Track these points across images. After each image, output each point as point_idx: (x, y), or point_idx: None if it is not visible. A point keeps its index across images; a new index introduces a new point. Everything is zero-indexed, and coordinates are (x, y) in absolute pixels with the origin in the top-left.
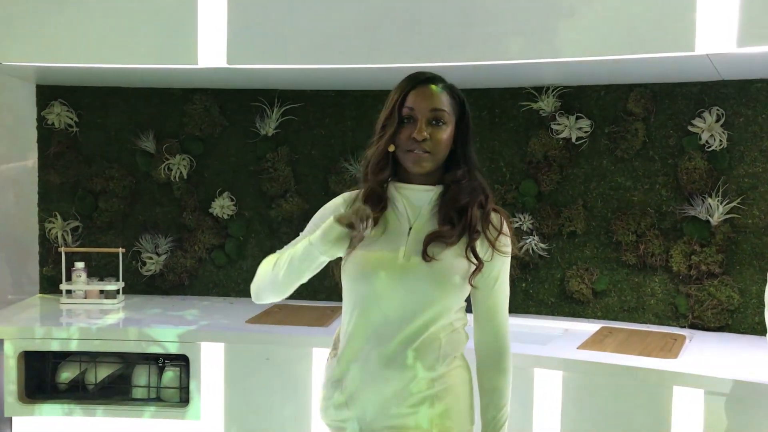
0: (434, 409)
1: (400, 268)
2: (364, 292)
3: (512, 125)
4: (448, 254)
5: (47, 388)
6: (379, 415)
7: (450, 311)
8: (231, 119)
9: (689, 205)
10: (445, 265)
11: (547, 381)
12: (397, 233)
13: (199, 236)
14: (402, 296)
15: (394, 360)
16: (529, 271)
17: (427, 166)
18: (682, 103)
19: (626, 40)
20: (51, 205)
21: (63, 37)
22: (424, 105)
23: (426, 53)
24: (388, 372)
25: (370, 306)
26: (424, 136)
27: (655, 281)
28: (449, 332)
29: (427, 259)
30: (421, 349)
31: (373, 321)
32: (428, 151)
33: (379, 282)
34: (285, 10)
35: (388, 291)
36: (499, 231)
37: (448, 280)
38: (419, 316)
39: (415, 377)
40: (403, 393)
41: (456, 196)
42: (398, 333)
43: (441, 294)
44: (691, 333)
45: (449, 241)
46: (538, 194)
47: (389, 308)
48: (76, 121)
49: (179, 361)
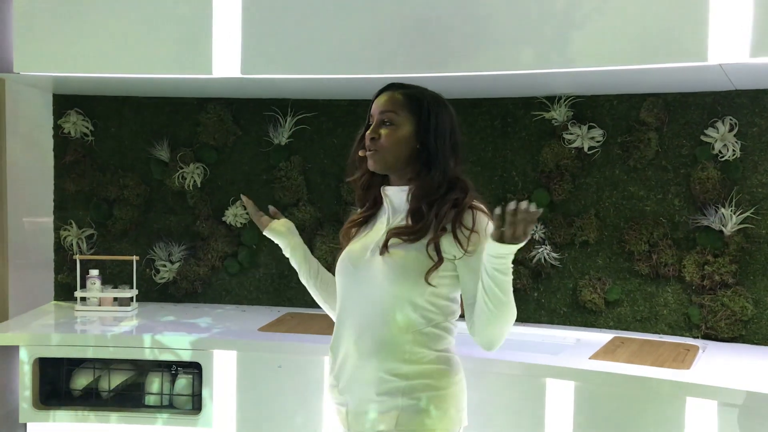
0: (404, 401)
1: (364, 263)
2: (340, 286)
3: (524, 134)
4: (407, 250)
5: (61, 395)
6: (359, 401)
7: (413, 307)
8: (244, 128)
9: (702, 215)
10: (400, 261)
11: (559, 391)
12: (377, 231)
13: (212, 244)
14: (365, 291)
15: (366, 350)
16: (542, 280)
17: (375, 165)
18: (695, 113)
19: (639, 50)
20: (66, 213)
21: (79, 47)
22: (377, 109)
23: (438, 63)
24: (361, 361)
25: (346, 299)
26: (372, 136)
27: (668, 291)
28: (418, 330)
29: (383, 253)
30: (386, 343)
31: (349, 313)
32: (375, 149)
33: (349, 277)
34: (298, 22)
35: (355, 285)
36: (471, 229)
37: (402, 275)
38: (380, 311)
39: (385, 368)
40: (377, 381)
41: (419, 193)
42: (367, 325)
43: (397, 290)
44: (704, 344)
45: (407, 238)
46: (550, 203)
47: (358, 302)
48: (92, 129)
49: (192, 369)
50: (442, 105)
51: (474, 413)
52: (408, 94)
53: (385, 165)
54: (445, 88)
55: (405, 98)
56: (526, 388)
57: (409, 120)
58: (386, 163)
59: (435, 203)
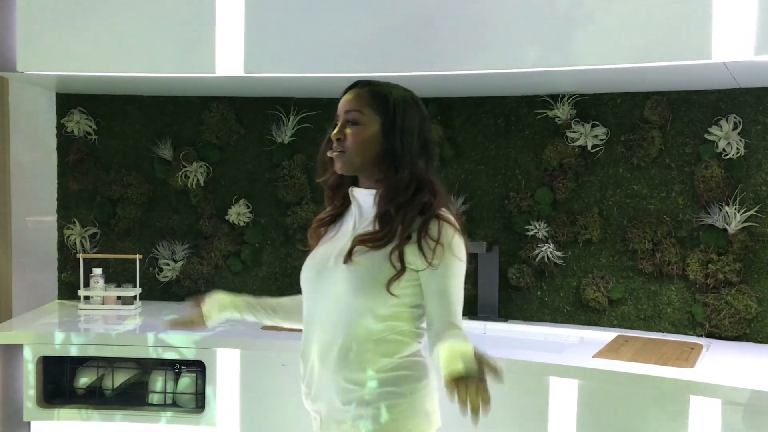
0: (370, 410)
1: (327, 272)
2: (304, 293)
3: (528, 133)
4: (371, 258)
5: (65, 393)
6: (329, 410)
7: (376, 318)
8: (247, 127)
9: (706, 213)
10: (363, 270)
11: (562, 389)
12: (342, 236)
13: (215, 243)
14: (328, 300)
15: (329, 360)
16: (545, 279)
17: (340, 166)
18: (698, 111)
19: (642, 48)
20: (70, 212)
21: (82, 46)
22: (342, 108)
23: (441, 61)
24: (325, 370)
25: (310, 307)
26: (338, 136)
27: (672, 290)
28: (380, 339)
29: (346, 262)
30: (347, 353)
31: (314, 321)
32: (341, 150)
33: (312, 285)
34: (301, 20)
35: (317, 295)
36: (436, 241)
37: (364, 286)
38: (340, 320)
39: (346, 378)
40: (340, 391)
41: (386, 197)
42: (329, 335)
43: (357, 300)
44: (708, 342)
45: (372, 245)
46: (553, 202)
47: (321, 311)
48: (95, 128)
49: (195, 367)
50: (411, 103)
51: None
52: (374, 92)
53: (351, 166)
54: (449, 86)
55: (371, 96)
56: (530, 387)
57: (375, 119)
58: (353, 164)
59: (403, 207)
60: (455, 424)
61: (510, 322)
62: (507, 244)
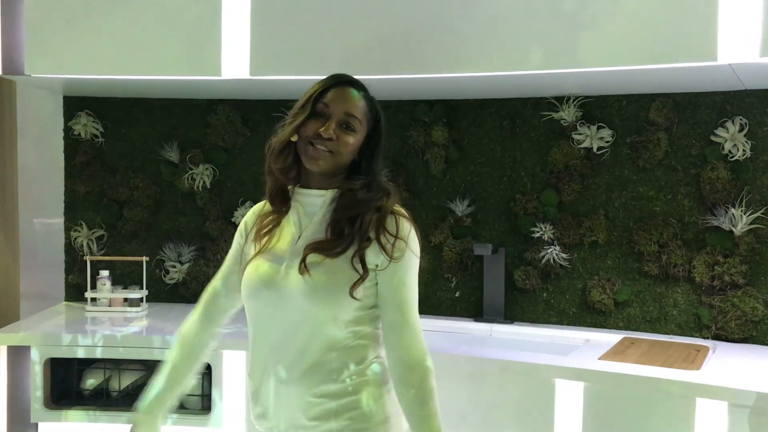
0: (338, 423)
1: (278, 284)
2: (252, 310)
3: (533, 135)
4: (328, 266)
5: (72, 395)
6: (291, 427)
7: (338, 324)
8: (253, 129)
9: (712, 215)
10: (321, 279)
11: (568, 392)
12: (285, 243)
13: (221, 245)
14: (283, 314)
15: (292, 376)
16: (551, 281)
17: (323, 165)
18: (704, 113)
19: (648, 51)
20: (77, 214)
21: (89, 49)
22: (341, 106)
23: (447, 64)
24: (287, 387)
25: (261, 324)
26: (331, 134)
27: (678, 292)
28: (344, 346)
29: (302, 272)
30: (313, 365)
31: (267, 338)
32: (331, 150)
33: (262, 300)
34: (306, 23)
35: (270, 309)
36: (395, 236)
37: (326, 294)
38: (302, 332)
39: (313, 392)
40: (305, 406)
41: (348, 205)
42: (289, 350)
43: (319, 309)
44: (715, 344)
45: (331, 253)
46: (559, 204)
47: (276, 326)
48: (102, 131)
49: (202, 369)
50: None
51: (483, 413)
52: (370, 103)
53: (331, 169)
54: (454, 88)
55: (367, 107)
56: (536, 389)
57: (363, 130)
58: (334, 167)
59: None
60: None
61: (516, 324)
62: (513, 246)
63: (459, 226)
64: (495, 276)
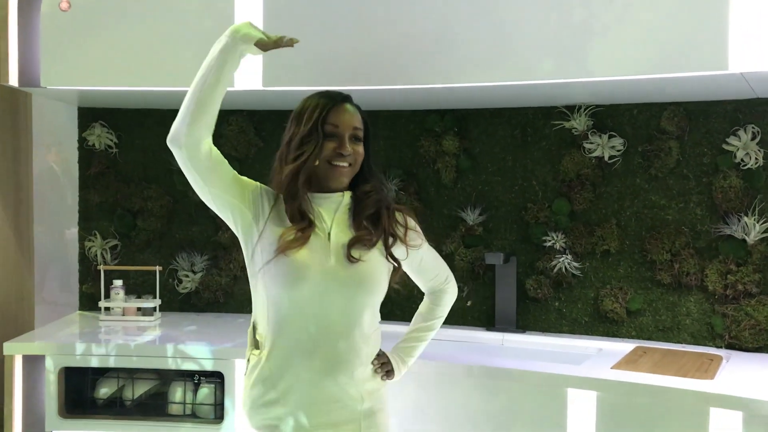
0: (364, 406)
1: (329, 271)
2: (298, 294)
3: (544, 144)
4: (369, 256)
5: (86, 404)
6: (313, 412)
7: (374, 310)
8: (266, 140)
9: (725, 223)
10: (369, 267)
11: (581, 401)
12: (317, 238)
13: (234, 254)
14: (334, 297)
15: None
16: (563, 290)
17: (346, 179)
18: (716, 122)
19: (659, 60)
20: (91, 224)
21: (104, 61)
22: (348, 123)
23: (457, 74)
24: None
25: (305, 307)
26: (349, 151)
27: (691, 301)
28: (373, 331)
29: (352, 261)
30: (353, 347)
31: (308, 321)
32: (350, 164)
33: (309, 286)
34: (319, 34)
35: (318, 294)
36: (405, 227)
37: (373, 280)
38: (349, 315)
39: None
40: (335, 390)
41: (369, 206)
42: (331, 332)
43: (365, 293)
44: (728, 353)
45: (369, 244)
46: (570, 213)
47: (323, 309)
48: (116, 142)
49: (214, 378)
50: None
51: (496, 423)
52: (359, 110)
53: (349, 179)
54: (465, 98)
55: (360, 115)
56: (548, 398)
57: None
58: (350, 178)
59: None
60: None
61: (528, 334)
62: (524, 255)
63: (470, 235)
64: (507, 285)
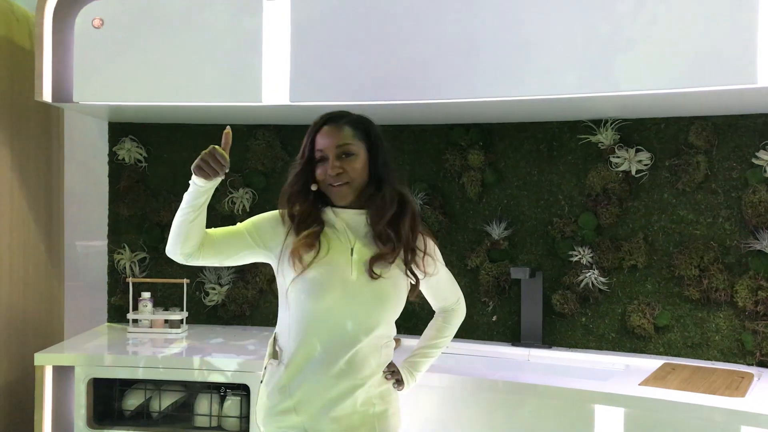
0: (376, 410)
1: (351, 284)
2: (318, 306)
3: (570, 158)
4: (390, 273)
5: (114, 415)
6: (325, 419)
7: (390, 324)
8: (292, 154)
9: (754, 238)
10: (389, 283)
11: (608, 418)
12: (341, 252)
13: (260, 267)
14: (353, 311)
15: (342, 368)
16: (589, 305)
17: (348, 197)
18: (745, 135)
19: (686, 74)
20: (120, 237)
21: (134, 77)
22: (330, 144)
23: (483, 88)
24: (335, 379)
25: (324, 319)
26: (337, 170)
27: (720, 317)
28: (387, 342)
29: (374, 277)
30: (366, 358)
31: (325, 332)
32: (346, 181)
33: (333, 297)
34: (345, 49)
35: (340, 306)
36: (424, 252)
37: (392, 295)
38: (365, 328)
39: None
40: (349, 397)
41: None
42: (347, 344)
43: (384, 308)
44: (760, 371)
45: (389, 260)
46: (597, 227)
47: (341, 321)
48: (145, 156)
49: (240, 390)
50: (376, 126)
51: None
52: (352, 123)
53: (354, 194)
54: (491, 112)
55: (352, 127)
56: (575, 415)
57: (362, 147)
58: (355, 192)
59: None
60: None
61: (554, 349)
62: (550, 270)
63: (496, 249)
64: (533, 300)
